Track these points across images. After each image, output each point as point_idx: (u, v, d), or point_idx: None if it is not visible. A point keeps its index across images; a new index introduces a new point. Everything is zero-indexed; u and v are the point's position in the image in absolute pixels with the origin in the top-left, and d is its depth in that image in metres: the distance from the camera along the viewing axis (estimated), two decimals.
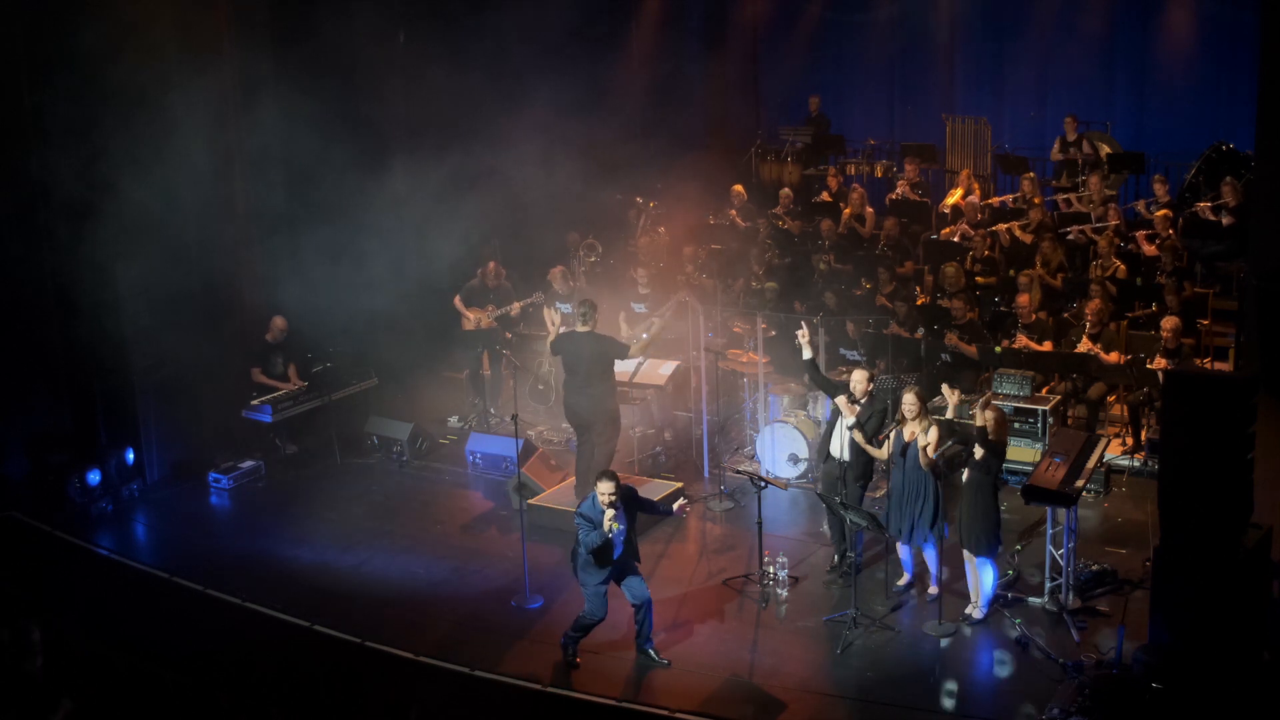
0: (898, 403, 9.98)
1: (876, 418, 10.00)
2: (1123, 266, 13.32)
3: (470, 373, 14.04)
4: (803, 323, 10.45)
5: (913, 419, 9.55)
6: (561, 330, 13.06)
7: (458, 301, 13.88)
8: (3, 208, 11.64)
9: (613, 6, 17.43)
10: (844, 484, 9.88)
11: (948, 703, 8.65)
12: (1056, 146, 16.14)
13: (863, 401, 10.05)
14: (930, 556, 9.68)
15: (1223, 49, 16.19)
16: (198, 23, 12.44)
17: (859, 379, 10.09)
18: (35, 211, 11.77)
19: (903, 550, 9.97)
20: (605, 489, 8.90)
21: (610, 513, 8.88)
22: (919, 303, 13.63)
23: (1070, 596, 9.59)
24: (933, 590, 9.72)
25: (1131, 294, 13.21)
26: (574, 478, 11.86)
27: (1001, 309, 13.37)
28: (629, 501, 9.17)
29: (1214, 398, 8.08)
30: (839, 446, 10.07)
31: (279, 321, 13.10)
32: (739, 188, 16.76)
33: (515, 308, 13.85)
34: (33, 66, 11.62)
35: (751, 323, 12.74)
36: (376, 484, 12.63)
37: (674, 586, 10.29)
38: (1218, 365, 12.63)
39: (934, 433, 9.43)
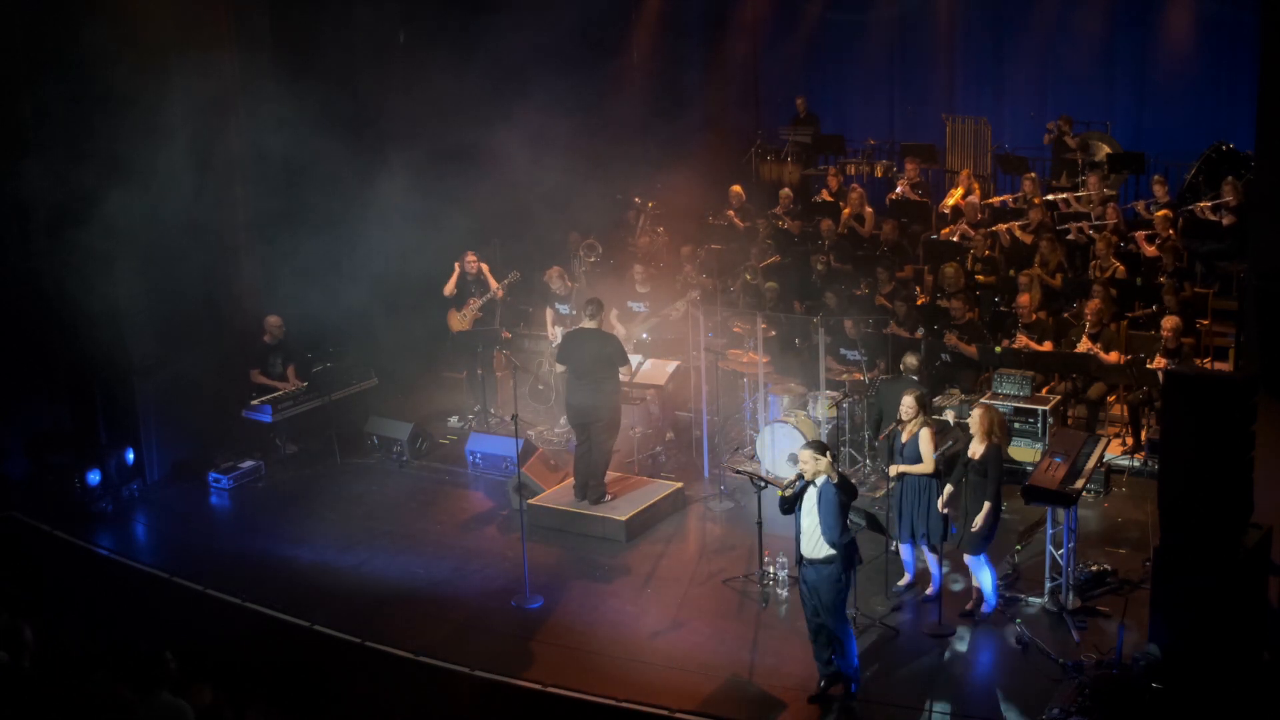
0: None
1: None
2: (1121, 267, 13.33)
3: (469, 373, 14.02)
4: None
5: (910, 419, 9.54)
6: (559, 330, 13.10)
7: (451, 314, 13.81)
8: (2, 209, 11.64)
9: (612, 7, 17.43)
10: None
11: (948, 703, 8.64)
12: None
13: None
14: (931, 559, 9.68)
15: (1223, 49, 16.20)
16: (197, 26, 12.44)
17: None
18: (35, 213, 11.77)
19: (905, 551, 9.97)
20: (804, 457, 8.24)
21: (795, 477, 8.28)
22: (919, 303, 13.63)
23: (1070, 596, 9.59)
24: (930, 591, 9.73)
25: (1131, 294, 13.22)
26: (574, 477, 11.88)
27: (1001, 309, 13.37)
28: (845, 489, 8.20)
29: (1214, 398, 8.07)
30: None
31: (274, 320, 13.10)
32: (738, 188, 16.77)
33: (498, 292, 13.77)
34: (32, 69, 11.63)
35: (751, 323, 12.74)
36: (376, 484, 12.63)
37: (674, 586, 10.29)
38: (1218, 365, 12.63)
39: (926, 434, 9.44)
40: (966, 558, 9.49)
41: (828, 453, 8.33)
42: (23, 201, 11.73)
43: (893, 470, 9.59)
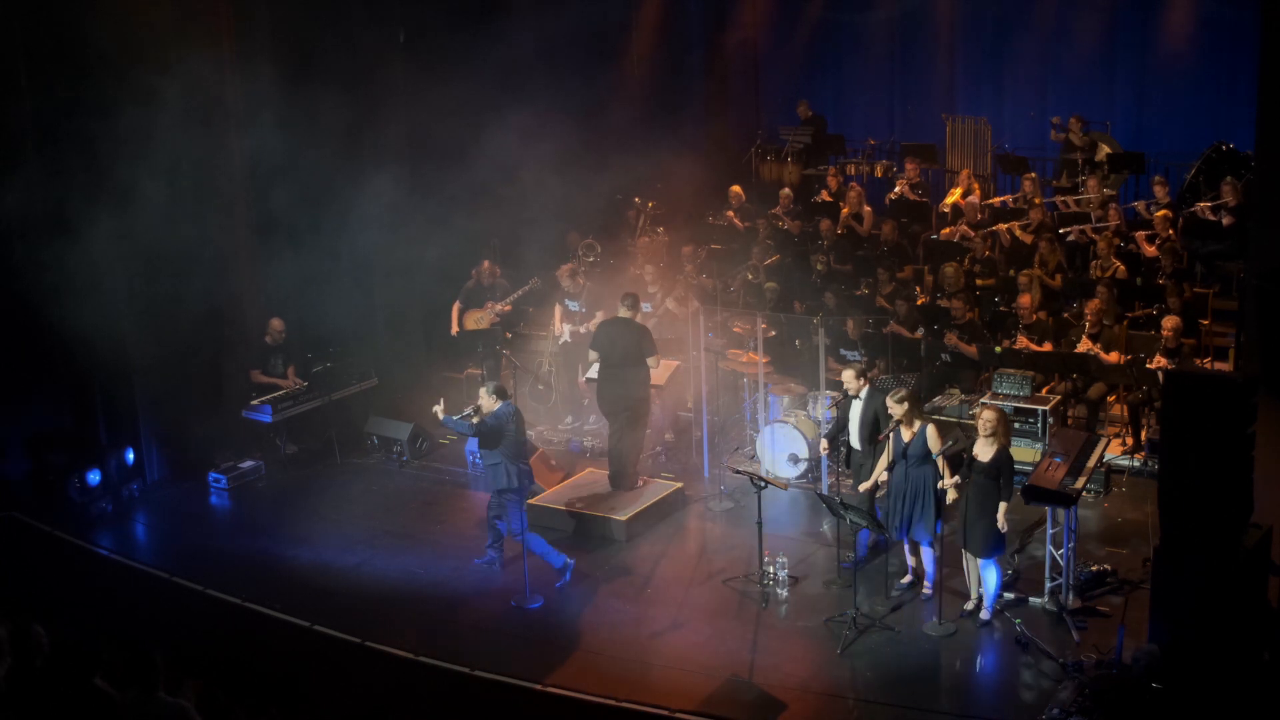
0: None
1: (878, 412, 10.06)
2: (1122, 267, 13.33)
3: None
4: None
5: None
6: (567, 327, 13.10)
7: (455, 309, 13.84)
8: (3, 209, 11.64)
9: (613, 7, 17.42)
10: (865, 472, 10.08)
11: (948, 703, 8.65)
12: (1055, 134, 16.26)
13: (862, 396, 10.12)
14: (928, 556, 9.68)
15: (1223, 49, 16.19)
16: (198, 29, 12.43)
17: (849, 377, 10.22)
18: (36, 213, 11.76)
19: (910, 550, 9.97)
20: (481, 393, 10.12)
21: None
22: (919, 303, 13.63)
23: (1070, 596, 9.59)
24: (927, 589, 9.72)
25: (1131, 294, 13.22)
26: (574, 477, 11.88)
27: (1001, 309, 13.37)
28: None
29: (1214, 398, 8.07)
30: (854, 438, 10.23)
31: (276, 323, 13.11)
32: (737, 188, 16.77)
33: (515, 296, 13.84)
34: (33, 72, 11.63)
35: (751, 323, 12.75)
36: (376, 484, 12.63)
37: (674, 586, 10.29)
38: (1218, 365, 12.63)
39: (932, 430, 9.47)
40: (977, 559, 9.46)
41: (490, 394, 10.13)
42: (23, 203, 11.72)
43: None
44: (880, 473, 9.84)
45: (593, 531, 11.18)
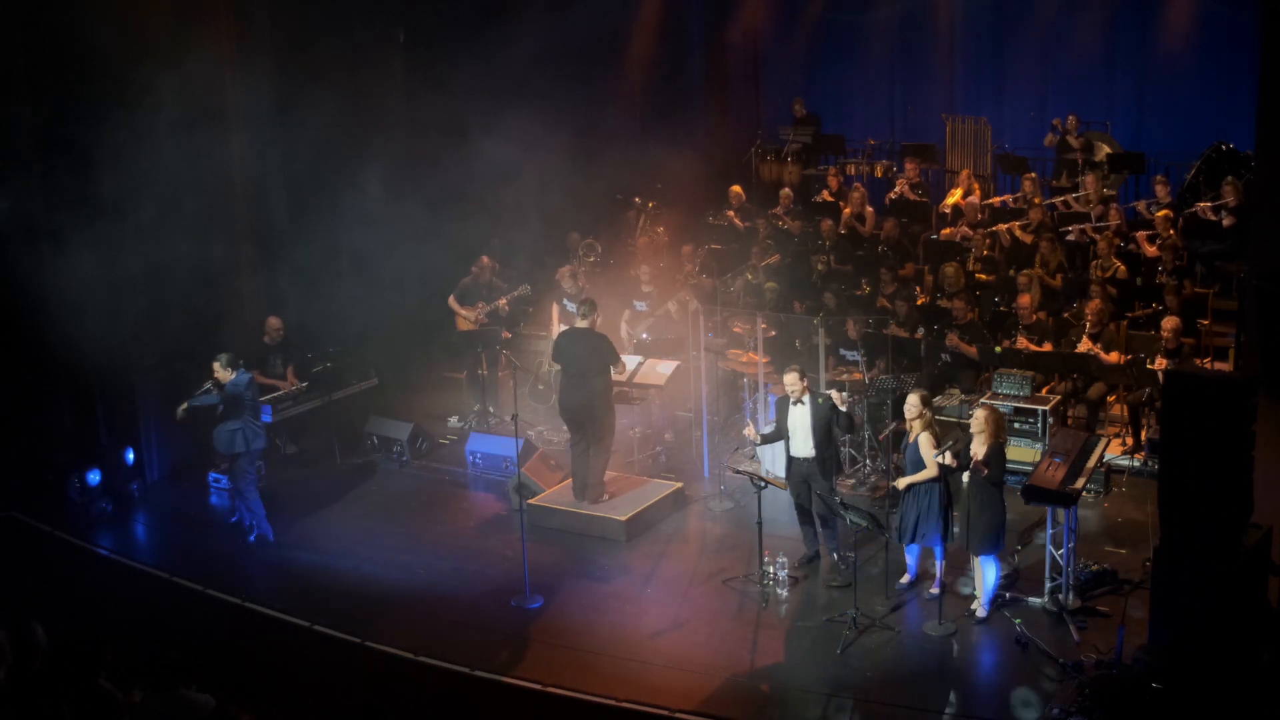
0: (898, 402, 10.00)
1: (830, 418, 10.06)
2: (1123, 267, 13.33)
3: (469, 373, 14.05)
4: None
5: (912, 419, 9.54)
6: (564, 327, 13.09)
7: (452, 301, 13.88)
8: (4, 210, 11.65)
9: (613, 7, 17.43)
10: (816, 480, 10.03)
11: (948, 703, 8.65)
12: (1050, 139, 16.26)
13: (805, 401, 10.09)
14: (938, 558, 9.67)
15: (1223, 49, 16.19)
16: (198, 30, 12.44)
17: (791, 380, 10.13)
18: (37, 214, 11.77)
19: (909, 551, 9.97)
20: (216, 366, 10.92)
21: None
22: (919, 303, 13.63)
23: (1070, 596, 9.59)
24: (934, 590, 9.72)
25: (1131, 294, 13.22)
26: (573, 477, 11.87)
27: (1001, 309, 13.37)
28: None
29: (1214, 398, 8.07)
30: (800, 446, 10.14)
31: (274, 322, 13.10)
32: (737, 188, 16.77)
33: (503, 302, 13.87)
34: (34, 76, 11.64)
35: (751, 323, 12.75)
36: (376, 484, 12.63)
37: (674, 586, 10.29)
38: (1218, 365, 12.64)
39: (925, 439, 9.46)
40: (977, 556, 9.47)
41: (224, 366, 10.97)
42: (23, 204, 11.72)
43: (901, 483, 9.56)
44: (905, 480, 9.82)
45: (593, 531, 11.17)
